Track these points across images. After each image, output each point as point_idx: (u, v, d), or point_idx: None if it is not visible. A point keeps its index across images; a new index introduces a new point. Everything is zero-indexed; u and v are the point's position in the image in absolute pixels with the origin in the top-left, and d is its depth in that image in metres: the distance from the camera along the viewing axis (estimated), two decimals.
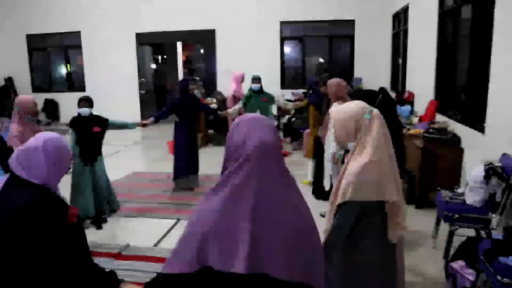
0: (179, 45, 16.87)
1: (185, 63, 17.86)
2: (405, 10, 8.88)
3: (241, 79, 7.95)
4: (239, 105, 6.77)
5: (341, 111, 2.32)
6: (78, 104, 4.94)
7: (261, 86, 6.85)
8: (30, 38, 13.68)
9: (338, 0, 11.26)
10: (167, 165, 7.89)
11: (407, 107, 7.47)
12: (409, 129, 6.02)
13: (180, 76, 17.52)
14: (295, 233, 1.38)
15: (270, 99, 6.84)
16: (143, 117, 12.49)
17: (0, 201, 1.86)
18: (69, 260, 1.82)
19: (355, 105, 2.29)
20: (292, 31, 11.94)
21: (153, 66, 13.70)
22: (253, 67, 11.26)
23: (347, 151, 2.39)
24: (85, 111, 4.89)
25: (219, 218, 1.35)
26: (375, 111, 2.25)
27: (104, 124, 5.04)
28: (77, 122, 4.91)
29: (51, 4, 13.10)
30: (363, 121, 2.22)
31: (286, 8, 11.53)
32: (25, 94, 5.57)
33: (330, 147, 4.68)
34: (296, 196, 1.45)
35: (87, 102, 4.93)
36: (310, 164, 6.36)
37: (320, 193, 5.57)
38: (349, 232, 2.23)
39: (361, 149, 2.21)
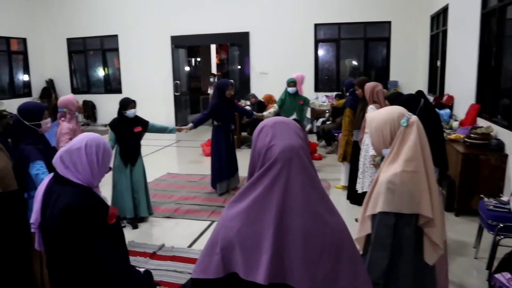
0: (212, 48, 17.04)
1: (218, 65, 18.02)
2: (444, 10, 8.64)
3: (302, 81, 7.59)
4: (274, 108, 6.72)
5: (376, 116, 2.20)
6: (127, 105, 5.04)
7: (297, 89, 6.80)
8: (70, 42, 14.12)
9: (374, 2, 11.07)
10: (201, 167, 7.99)
11: (446, 111, 7.25)
12: (449, 134, 5.84)
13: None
14: (321, 244, 1.31)
15: (306, 102, 6.77)
16: (177, 119, 12.68)
17: (46, 200, 1.90)
18: (109, 260, 1.84)
19: (392, 111, 2.15)
20: (327, 34, 11.83)
21: (187, 68, 13.85)
22: (287, 70, 11.24)
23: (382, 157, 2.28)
24: (133, 112, 5.03)
25: (244, 225, 1.31)
26: (413, 118, 2.09)
27: (145, 125, 5.16)
28: (118, 123, 5.02)
29: (90, 9, 13.48)
30: (399, 128, 2.08)
31: (321, 10, 11.43)
32: (64, 96, 5.72)
33: (369, 150, 4.60)
34: (325, 204, 1.37)
35: (135, 104, 5.08)
36: (342, 169, 6.27)
37: (355, 197, 5.47)
38: (389, 246, 2.04)
39: (395, 157, 2.06)
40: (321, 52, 11.98)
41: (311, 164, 1.40)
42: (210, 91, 12.48)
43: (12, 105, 12.67)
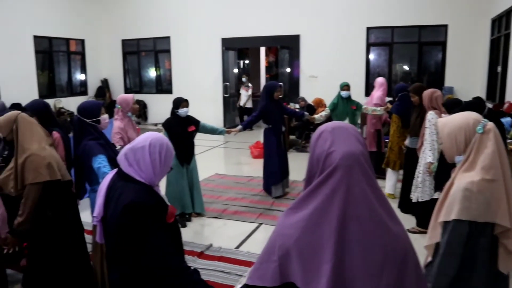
0: (262, 50, 17.09)
1: (266, 68, 18.07)
2: (507, 13, 8.23)
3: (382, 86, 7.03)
4: (326, 111, 6.60)
5: (450, 121, 2.11)
6: (179, 104, 5.14)
7: (350, 94, 6.64)
8: (125, 43, 14.60)
9: (430, 4, 10.70)
10: (249, 169, 8.01)
11: (507, 119, 6.89)
12: (510, 144, 5.54)
13: (263, 81, 17.74)
14: (385, 255, 1.26)
15: (359, 107, 6.59)
16: (225, 120, 12.80)
17: (109, 195, 1.95)
18: (167, 259, 1.85)
19: (467, 116, 2.07)
20: (379, 37, 11.57)
21: (236, 70, 13.98)
22: (337, 73, 11.10)
23: (453, 165, 2.18)
24: (185, 111, 5.12)
25: (303, 234, 1.29)
26: (490, 125, 2.00)
27: (196, 124, 5.26)
28: (172, 122, 5.12)
29: (144, 11, 13.88)
30: (474, 134, 2.00)
31: (373, 13, 11.19)
32: (118, 95, 5.90)
33: (427, 157, 4.44)
34: (387, 212, 1.32)
35: (187, 103, 5.17)
36: (388, 175, 6.07)
37: (407, 206, 5.29)
38: (460, 255, 1.99)
39: (472, 165, 1.99)
40: (372, 56, 11.73)
41: (372, 170, 1.36)
42: (243, 91, 12.47)
43: (69, 103, 13.27)
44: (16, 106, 9.21)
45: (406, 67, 11.87)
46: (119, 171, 1.97)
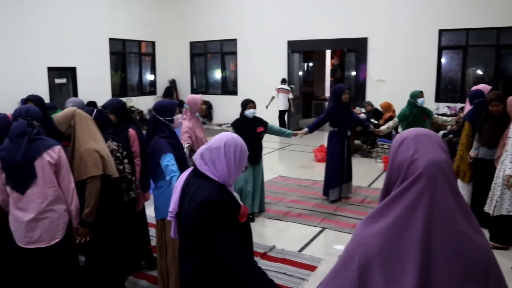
0: (327, 53, 16.94)
1: (331, 71, 17.88)
2: None
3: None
4: (393, 122, 6.33)
5: None
6: (246, 105, 5.23)
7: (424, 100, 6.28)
8: (193, 45, 15.02)
9: (509, 4, 10.05)
10: (313, 172, 7.95)
11: None
12: None
13: (328, 84, 17.59)
14: (467, 266, 1.21)
15: (430, 116, 6.25)
16: (290, 123, 12.80)
17: (184, 192, 2.01)
18: (238, 257, 1.87)
19: None
20: (453, 40, 11.05)
21: (300, 73, 13.94)
22: (406, 78, 10.77)
23: None
24: (252, 112, 5.20)
25: (386, 243, 1.26)
26: None
27: (264, 125, 5.32)
28: (240, 123, 5.21)
29: (212, 14, 14.23)
30: None
31: (446, 15, 10.68)
32: (185, 95, 6.07)
33: (506, 169, 4.17)
34: (471, 222, 1.27)
35: (254, 104, 5.26)
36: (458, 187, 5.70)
37: (481, 220, 4.99)
38: None
39: None
40: (444, 60, 11.22)
41: (455, 179, 1.31)
42: (273, 93, 12.35)
43: (139, 102, 13.87)
44: (91, 105, 9.77)
45: (480, 72, 11.25)
46: (195, 169, 2.02)
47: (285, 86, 12.30)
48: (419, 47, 11.03)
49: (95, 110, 3.61)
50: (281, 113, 12.26)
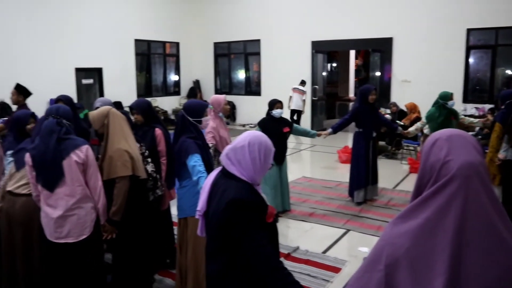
0: (351, 53, 16.81)
1: (355, 71, 17.74)
2: None
3: None
4: (421, 123, 6.22)
5: None
6: (273, 106, 5.24)
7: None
8: (217, 46, 15.11)
9: None
10: (337, 173, 7.90)
11: None
12: None
13: (352, 85, 17.46)
14: (502, 273, 1.17)
15: (457, 117, 6.12)
16: (313, 123, 12.75)
17: (212, 191, 2.03)
18: (265, 256, 1.87)
19: None
20: (481, 39, 10.79)
21: (324, 74, 13.86)
22: (432, 78, 10.59)
23: None
24: (279, 112, 5.21)
25: (415, 244, 1.23)
26: None
27: (290, 125, 5.33)
28: (267, 123, 5.23)
29: (236, 15, 14.27)
30: None
31: (474, 14, 10.42)
32: (209, 96, 6.11)
33: None
34: (507, 227, 1.22)
35: (282, 104, 5.28)
36: None
37: None
38: None
39: None
40: (471, 60, 10.97)
41: (490, 182, 1.27)
42: (295, 94, 12.24)
43: (164, 102, 14.03)
44: (117, 105, 9.91)
45: (509, 72, 10.96)
46: (223, 169, 2.03)
47: (301, 87, 12.27)
48: (446, 47, 10.80)
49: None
50: (292, 112, 12.20)
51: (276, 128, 5.15)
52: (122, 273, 3.39)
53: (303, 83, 12.36)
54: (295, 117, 12.20)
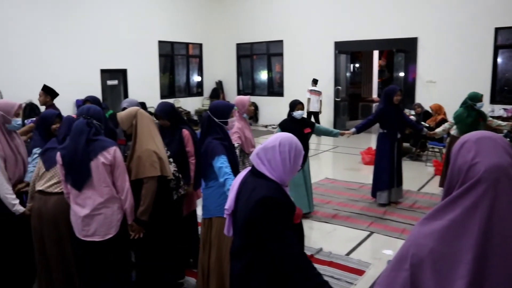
0: (375, 54, 16.64)
1: (379, 72, 17.55)
2: None
3: None
4: (449, 124, 6.11)
5: None
6: (294, 107, 5.23)
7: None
8: (239, 47, 15.17)
9: None
10: (360, 175, 7.82)
11: None
12: None
13: (375, 85, 17.28)
14: None
15: (485, 118, 5.97)
16: (336, 124, 12.67)
17: (240, 190, 2.05)
18: (294, 256, 1.87)
19: None
20: (510, 39, 10.50)
21: (347, 74, 13.75)
22: (459, 79, 10.41)
23: None
24: (300, 113, 5.21)
25: (438, 245, 1.22)
26: None
27: (312, 126, 5.31)
28: (288, 124, 5.22)
29: (259, 16, 14.30)
30: None
31: (503, 12, 10.18)
32: (231, 96, 6.14)
33: None
34: None
35: (303, 106, 5.27)
36: None
37: None
38: None
39: None
40: (499, 60, 10.71)
41: None
42: (307, 95, 12.12)
43: (187, 103, 14.15)
44: (141, 105, 10.05)
45: None
46: (252, 169, 2.05)
47: (317, 88, 12.20)
48: (473, 46, 10.59)
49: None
50: (309, 114, 12.14)
51: (298, 129, 5.11)
52: (145, 272, 3.43)
53: (315, 82, 12.29)
54: (312, 119, 12.14)
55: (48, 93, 5.49)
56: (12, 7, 9.75)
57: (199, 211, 3.63)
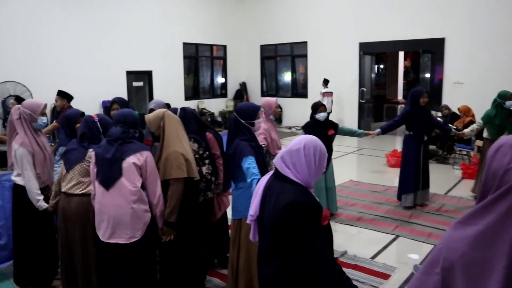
0: (400, 54, 16.41)
1: (404, 73, 17.28)
2: None
3: None
4: (477, 125, 5.98)
5: None
6: (317, 109, 5.24)
7: None
8: (263, 48, 15.18)
9: None
10: (385, 177, 7.74)
11: None
12: None
13: (400, 87, 17.03)
14: None
15: None
16: (360, 126, 12.56)
17: (265, 195, 2.03)
18: (323, 259, 1.86)
19: None
20: None
21: (372, 75, 13.61)
22: (487, 80, 10.18)
23: None
24: (323, 115, 5.20)
25: (470, 250, 1.19)
26: None
27: (335, 127, 5.30)
28: (311, 126, 5.21)
29: (283, 18, 14.29)
30: None
31: None
32: (255, 98, 6.15)
33: None
34: None
35: (325, 108, 5.27)
36: None
37: None
38: None
39: None
40: None
41: None
42: (319, 97, 11.96)
43: (211, 104, 14.25)
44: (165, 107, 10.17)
45: None
46: (276, 172, 2.03)
47: (328, 89, 12.10)
48: (502, 47, 10.33)
49: (179, 109, 3.73)
50: None
51: (321, 131, 5.09)
52: (169, 272, 3.45)
53: (326, 82, 12.19)
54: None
55: (64, 96, 5.59)
56: (44, 10, 10.01)
57: (229, 212, 3.64)
